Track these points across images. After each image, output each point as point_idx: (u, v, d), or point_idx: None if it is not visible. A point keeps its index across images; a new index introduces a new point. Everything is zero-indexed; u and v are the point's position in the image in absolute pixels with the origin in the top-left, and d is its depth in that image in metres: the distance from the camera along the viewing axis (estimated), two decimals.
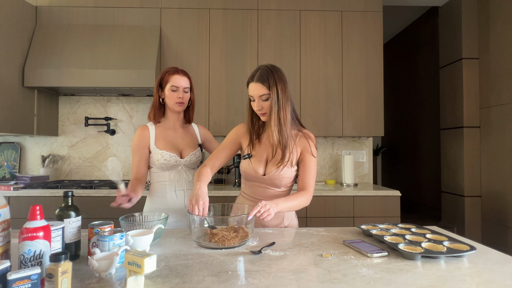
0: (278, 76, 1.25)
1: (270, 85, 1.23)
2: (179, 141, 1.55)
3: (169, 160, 1.49)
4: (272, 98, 1.23)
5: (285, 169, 1.29)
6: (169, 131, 1.56)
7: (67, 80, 2.41)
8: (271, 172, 1.29)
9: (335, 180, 2.95)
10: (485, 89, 3.14)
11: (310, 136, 1.34)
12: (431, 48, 4.48)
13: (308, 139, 1.32)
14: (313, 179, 1.32)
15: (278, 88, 1.23)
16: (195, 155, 1.56)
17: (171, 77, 1.50)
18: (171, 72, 1.51)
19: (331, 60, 2.70)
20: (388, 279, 0.81)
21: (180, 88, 1.50)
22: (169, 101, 1.51)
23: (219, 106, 2.64)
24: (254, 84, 1.25)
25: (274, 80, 1.23)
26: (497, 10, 2.99)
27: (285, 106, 1.25)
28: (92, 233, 0.97)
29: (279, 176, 1.29)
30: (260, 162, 1.32)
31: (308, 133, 1.34)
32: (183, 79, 1.51)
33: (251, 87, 1.27)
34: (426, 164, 4.74)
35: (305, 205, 1.30)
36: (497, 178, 2.98)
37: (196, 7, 2.67)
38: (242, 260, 0.95)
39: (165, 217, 1.20)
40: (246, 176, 1.36)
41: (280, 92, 1.23)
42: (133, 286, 0.74)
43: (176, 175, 1.52)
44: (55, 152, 2.85)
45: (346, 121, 2.68)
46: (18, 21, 2.42)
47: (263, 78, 1.24)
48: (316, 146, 1.34)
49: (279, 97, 1.23)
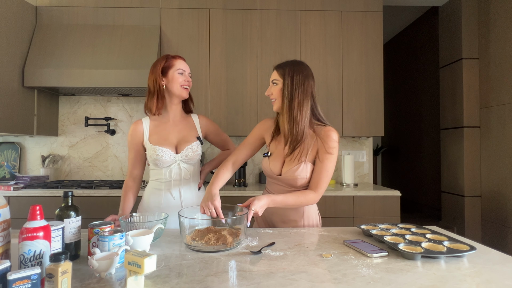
0: (298, 68, 1.25)
1: (285, 73, 1.24)
2: (175, 135, 1.47)
3: (162, 156, 1.40)
4: (284, 86, 1.23)
5: (300, 170, 1.24)
6: (165, 124, 1.48)
7: (67, 80, 2.41)
8: (287, 172, 1.27)
9: (335, 180, 2.94)
10: (485, 89, 3.14)
11: (330, 133, 1.24)
12: (431, 48, 4.48)
13: (327, 135, 1.24)
14: (325, 178, 1.24)
15: (294, 78, 1.23)
16: (191, 149, 1.45)
17: (176, 61, 1.45)
18: (170, 57, 1.46)
19: (331, 60, 2.70)
20: (388, 279, 0.81)
21: (186, 72, 1.46)
22: (175, 85, 1.42)
23: (219, 106, 2.64)
24: (274, 69, 1.30)
25: (292, 70, 1.24)
26: (497, 10, 2.98)
27: (302, 99, 1.21)
28: (92, 233, 0.97)
29: (293, 176, 1.26)
30: (277, 161, 1.31)
31: (328, 130, 1.25)
32: (185, 64, 1.48)
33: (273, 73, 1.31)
34: (426, 164, 4.74)
35: (307, 204, 1.28)
36: (497, 178, 2.98)
37: (196, 7, 2.67)
38: (242, 260, 0.95)
39: (165, 217, 1.20)
40: (266, 173, 1.37)
41: (295, 83, 1.22)
42: (133, 286, 0.74)
43: (172, 173, 1.44)
44: (55, 152, 2.85)
45: (346, 121, 2.68)
46: (18, 21, 2.42)
47: (282, 66, 1.28)
48: (335, 143, 1.24)
49: (293, 88, 1.21)
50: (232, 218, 1.15)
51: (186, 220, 1.09)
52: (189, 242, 1.07)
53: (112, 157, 2.87)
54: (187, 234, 1.09)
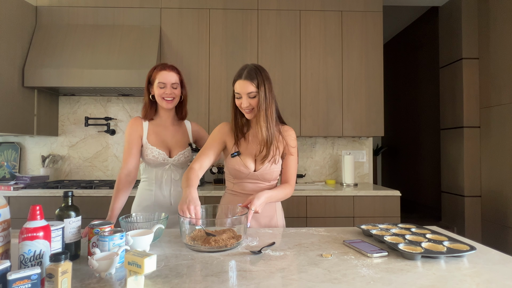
0: (265, 75, 1.30)
1: (259, 83, 1.27)
2: (169, 140, 1.53)
3: (157, 158, 1.47)
4: (260, 96, 1.27)
5: (274, 165, 1.35)
6: (161, 128, 1.54)
7: (67, 80, 2.41)
8: (262, 167, 1.34)
9: (335, 180, 2.95)
10: (485, 89, 3.14)
11: (290, 132, 1.40)
12: (431, 48, 4.48)
13: (288, 135, 1.39)
14: (294, 172, 1.41)
15: (265, 86, 1.28)
16: (183, 155, 1.54)
17: (158, 74, 1.47)
18: (158, 68, 1.49)
19: (331, 60, 2.70)
20: (388, 279, 0.81)
21: (167, 84, 1.46)
22: (158, 98, 1.48)
23: (219, 106, 2.64)
24: (243, 81, 1.28)
25: (262, 78, 1.28)
26: (497, 10, 2.99)
27: (271, 104, 1.31)
28: (92, 233, 0.97)
29: (270, 170, 1.34)
30: (249, 159, 1.35)
31: (288, 129, 1.41)
32: (170, 75, 1.47)
33: (238, 84, 1.29)
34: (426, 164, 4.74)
35: (288, 196, 1.40)
36: (497, 178, 2.98)
37: (196, 7, 2.67)
38: (242, 260, 0.95)
39: (165, 217, 1.20)
40: (235, 173, 1.37)
41: (267, 91, 1.29)
42: (133, 286, 0.74)
43: (163, 174, 1.50)
44: (55, 152, 2.85)
45: (346, 121, 2.68)
46: (18, 21, 2.42)
47: (252, 76, 1.27)
48: (296, 140, 1.42)
49: (266, 95, 1.28)
50: (232, 219, 1.15)
51: (186, 220, 1.09)
52: (189, 242, 1.06)
53: (112, 157, 2.87)
54: (187, 234, 1.09)
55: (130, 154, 1.46)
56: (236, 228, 1.12)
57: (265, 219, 1.40)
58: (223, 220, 1.19)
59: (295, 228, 1.33)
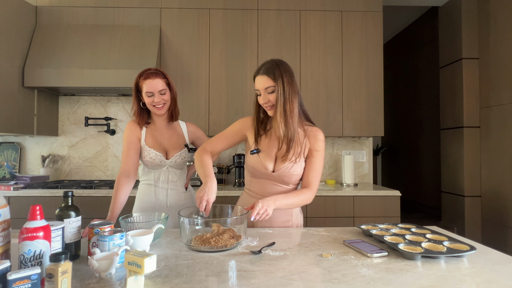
0: (284, 68, 1.25)
1: (276, 77, 1.22)
2: (165, 142, 1.55)
3: (154, 159, 1.49)
4: (278, 90, 1.22)
5: (294, 166, 1.27)
6: (157, 131, 1.56)
7: (67, 80, 2.41)
8: (280, 168, 1.28)
9: (335, 180, 2.94)
10: (485, 89, 3.14)
11: (317, 133, 1.32)
12: (431, 48, 4.48)
13: (314, 135, 1.31)
14: (317, 176, 1.30)
15: (284, 80, 1.22)
16: (180, 156, 1.55)
17: (144, 83, 1.45)
18: (143, 77, 1.47)
19: (331, 60, 2.70)
20: (388, 279, 0.81)
21: (155, 92, 1.45)
22: (149, 106, 1.49)
23: (219, 106, 2.64)
24: (260, 76, 1.25)
25: (280, 72, 1.23)
26: (497, 10, 2.98)
27: (292, 99, 1.23)
28: (92, 233, 0.97)
29: (289, 173, 1.28)
30: (269, 158, 1.30)
31: (316, 131, 1.32)
32: (156, 82, 1.45)
33: (257, 81, 1.27)
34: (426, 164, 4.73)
35: (306, 203, 1.29)
36: (497, 178, 2.98)
37: (196, 7, 2.67)
38: (242, 260, 0.95)
39: (165, 217, 1.20)
40: (254, 172, 1.33)
41: (286, 84, 1.22)
42: (133, 286, 0.74)
43: (160, 175, 1.52)
44: (55, 152, 2.85)
45: (346, 121, 2.68)
46: (18, 21, 2.42)
47: (269, 71, 1.23)
48: (323, 143, 1.32)
49: (285, 89, 1.22)
50: (232, 219, 1.15)
51: (186, 220, 1.09)
52: (189, 242, 1.07)
53: (112, 157, 2.87)
54: (187, 235, 1.09)
55: (128, 155, 1.47)
56: (236, 228, 1.12)
57: (280, 224, 1.35)
58: (220, 220, 1.19)
59: (295, 228, 1.33)
